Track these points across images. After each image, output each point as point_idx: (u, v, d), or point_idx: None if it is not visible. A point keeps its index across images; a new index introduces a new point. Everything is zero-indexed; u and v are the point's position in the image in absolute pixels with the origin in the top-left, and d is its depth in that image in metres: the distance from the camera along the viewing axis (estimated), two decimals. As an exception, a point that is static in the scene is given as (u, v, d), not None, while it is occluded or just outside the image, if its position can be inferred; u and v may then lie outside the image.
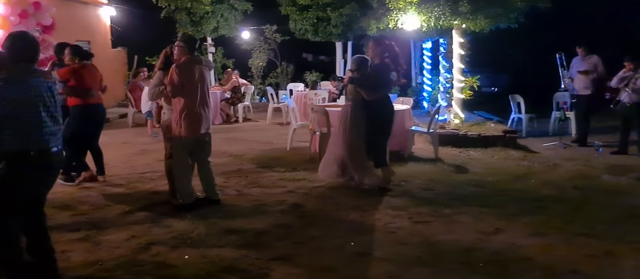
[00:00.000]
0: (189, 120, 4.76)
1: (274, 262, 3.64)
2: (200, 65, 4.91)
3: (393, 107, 5.90)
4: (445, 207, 4.93)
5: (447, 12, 7.79)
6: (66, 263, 3.57)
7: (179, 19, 14.18)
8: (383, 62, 5.65)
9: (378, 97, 5.59)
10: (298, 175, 6.30)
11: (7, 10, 8.45)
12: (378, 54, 5.66)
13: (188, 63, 4.78)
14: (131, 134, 10.03)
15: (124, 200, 5.23)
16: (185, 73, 4.72)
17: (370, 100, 5.51)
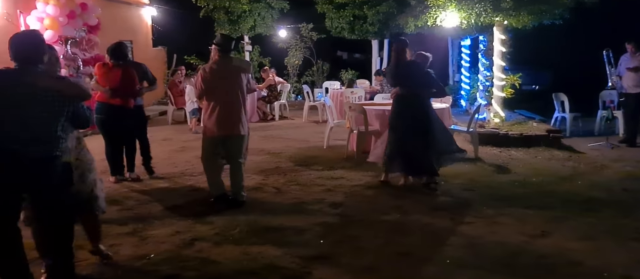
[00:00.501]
0: (209, 120, 4.94)
1: (315, 261, 3.65)
2: (229, 66, 4.94)
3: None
4: (487, 208, 4.82)
5: (488, 8, 7.62)
6: (116, 256, 3.69)
7: (217, 18, 14.40)
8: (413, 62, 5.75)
9: (428, 95, 5.77)
10: (336, 173, 6.30)
11: (56, 11, 8.79)
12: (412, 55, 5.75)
13: (213, 65, 4.94)
14: (171, 131, 10.26)
15: (166, 196, 5.35)
16: (208, 75, 4.88)
17: (421, 97, 5.60)
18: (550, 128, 8.66)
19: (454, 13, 8.00)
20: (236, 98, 4.91)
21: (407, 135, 5.52)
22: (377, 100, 9.43)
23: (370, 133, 7.25)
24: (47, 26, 8.92)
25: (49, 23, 8.88)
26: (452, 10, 8.01)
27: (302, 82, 16.12)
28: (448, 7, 7.97)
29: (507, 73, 9.05)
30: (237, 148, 5.06)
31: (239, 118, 4.95)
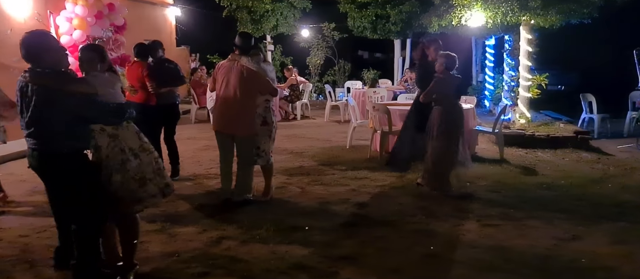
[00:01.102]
0: (213, 113, 5.22)
1: (342, 261, 3.65)
2: (238, 65, 4.83)
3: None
4: (515, 210, 4.76)
5: (515, 7, 7.51)
6: (145, 253, 3.75)
7: (240, 17, 14.52)
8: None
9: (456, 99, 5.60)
10: (360, 173, 6.29)
11: (84, 11, 8.96)
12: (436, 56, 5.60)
13: (225, 62, 4.99)
14: (195, 130, 10.37)
15: (193, 195, 5.41)
16: (217, 70, 5.03)
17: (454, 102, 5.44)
18: (578, 129, 8.50)
19: (480, 12, 7.91)
20: (234, 98, 4.81)
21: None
22: (401, 100, 9.38)
23: (394, 133, 7.22)
24: (76, 26, 9.10)
25: (78, 23, 9.06)
26: (478, 10, 7.92)
27: (324, 81, 16.14)
28: (473, 7, 7.88)
29: (533, 74, 8.91)
30: (241, 147, 4.99)
31: (237, 117, 4.86)
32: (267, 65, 5.16)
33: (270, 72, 5.11)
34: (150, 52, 6.16)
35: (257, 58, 5.01)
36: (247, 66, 4.84)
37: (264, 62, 5.15)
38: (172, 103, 6.23)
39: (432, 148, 5.34)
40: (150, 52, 6.16)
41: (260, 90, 4.91)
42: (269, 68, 5.18)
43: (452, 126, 5.27)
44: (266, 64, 5.19)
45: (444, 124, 5.26)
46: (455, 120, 5.31)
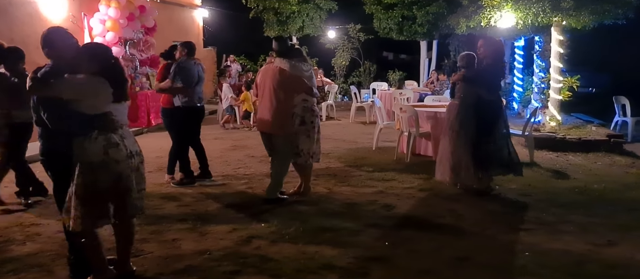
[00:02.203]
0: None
1: (371, 262, 3.65)
2: (272, 66, 5.12)
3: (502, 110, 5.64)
4: (547, 215, 4.68)
5: (547, 8, 7.37)
6: (178, 250, 3.82)
7: (267, 18, 14.64)
8: (496, 61, 5.40)
9: (494, 98, 5.42)
10: (387, 175, 6.27)
11: (117, 13, 9.18)
12: (490, 54, 5.35)
13: (263, 67, 5.35)
14: (221, 130, 10.50)
15: (222, 194, 5.48)
16: (258, 73, 5.31)
17: (487, 100, 5.30)
18: (611, 132, 8.29)
19: (510, 13, 7.79)
20: (269, 99, 5.01)
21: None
22: (427, 101, 9.31)
23: (421, 135, 7.18)
24: (109, 28, 9.34)
25: (111, 25, 9.29)
26: (508, 10, 7.80)
27: (349, 82, 16.14)
28: (504, 7, 7.77)
29: (564, 75, 8.73)
30: (275, 146, 5.17)
31: (272, 117, 5.00)
32: (303, 65, 5.14)
33: (305, 72, 5.10)
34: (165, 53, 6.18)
35: (296, 59, 5.09)
36: (281, 67, 4.99)
37: (302, 63, 5.15)
38: (193, 106, 5.83)
39: (459, 143, 5.34)
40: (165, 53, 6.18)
41: (296, 90, 5.01)
42: (304, 67, 5.14)
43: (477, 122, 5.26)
44: (303, 64, 5.15)
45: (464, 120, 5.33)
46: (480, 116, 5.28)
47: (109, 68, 3.12)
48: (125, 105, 3.26)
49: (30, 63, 4.22)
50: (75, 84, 3.00)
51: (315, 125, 5.19)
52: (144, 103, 9.97)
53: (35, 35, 3.65)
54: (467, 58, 5.52)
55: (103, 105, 3.06)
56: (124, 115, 3.25)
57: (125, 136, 3.18)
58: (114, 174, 3.07)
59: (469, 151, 5.30)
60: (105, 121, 3.06)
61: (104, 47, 3.36)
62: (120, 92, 3.15)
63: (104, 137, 3.05)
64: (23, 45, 7.77)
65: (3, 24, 7.71)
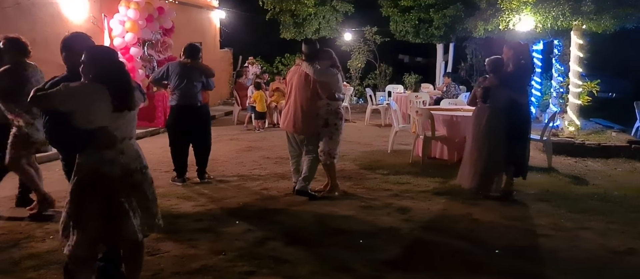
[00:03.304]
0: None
1: (386, 265, 3.63)
2: (299, 68, 5.31)
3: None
4: (565, 220, 4.61)
5: (567, 11, 7.27)
6: (193, 250, 3.85)
7: (283, 20, 14.69)
8: (522, 65, 5.34)
9: (525, 101, 5.43)
10: (402, 178, 6.24)
11: (136, 14, 9.30)
12: (513, 58, 5.30)
13: (292, 69, 5.49)
14: (237, 131, 10.55)
15: (237, 195, 5.51)
16: (287, 78, 5.51)
17: (518, 104, 5.26)
18: (632, 138, 8.15)
19: (529, 16, 7.71)
20: (295, 100, 5.28)
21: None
22: (444, 104, 9.26)
23: (437, 138, 7.13)
24: (128, 29, 9.46)
25: (130, 26, 9.42)
26: (527, 14, 7.72)
27: (365, 85, 16.11)
28: (522, 11, 7.69)
29: (584, 80, 8.60)
30: (303, 144, 5.39)
31: (296, 118, 5.26)
32: (329, 69, 5.26)
33: (331, 76, 5.22)
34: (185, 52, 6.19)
35: (323, 62, 5.25)
36: (306, 71, 5.22)
37: (328, 67, 5.27)
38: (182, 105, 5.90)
39: (486, 148, 5.30)
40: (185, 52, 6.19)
41: (319, 94, 5.20)
42: (330, 72, 5.25)
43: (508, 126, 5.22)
44: (328, 69, 5.26)
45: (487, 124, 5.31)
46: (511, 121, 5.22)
47: (109, 73, 2.75)
48: (130, 115, 2.86)
49: (51, 64, 4.29)
50: (67, 93, 2.66)
51: (338, 128, 5.31)
52: (160, 103, 10.08)
53: (57, 36, 3.70)
54: (495, 62, 5.42)
55: (100, 116, 2.71)
56: (128, 126, 2.86)
57: (125, 151, 2.83)
58: (104, 194, 2.74)
59: (496, 157, 5.24)
60: (100, 136, 2.72)
61: (107, 50, 2.98)
62: (122, 100, 2.76)
63: (96, 154, 2.75)
64: (45, 45, 7.95)
65: (25, 25, 7.86)
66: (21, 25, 7.75)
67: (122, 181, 2.80)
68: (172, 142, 6.03)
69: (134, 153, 2.90)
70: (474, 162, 5.40)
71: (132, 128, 2.93)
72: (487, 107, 5.36)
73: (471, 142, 5.50)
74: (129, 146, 2.87)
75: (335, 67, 5.31)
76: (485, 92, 5.38)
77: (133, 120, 2.92)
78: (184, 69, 5.90)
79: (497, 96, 5.26)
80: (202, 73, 6.02)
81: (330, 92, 5.17)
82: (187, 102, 5.89)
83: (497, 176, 5.36)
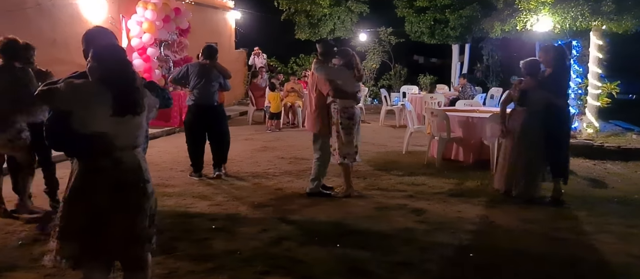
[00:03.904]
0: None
1: (401, 267, 3.61)
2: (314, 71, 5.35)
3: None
4: (584, 224, 4.54)
5: (586, 12, 7.17)
6: (209, 249, 3.88)
7: (298, 21, 14.73)
8: (563, 66, 5.30)
9: (564, 103, 5.35)
10: (417, 179, 6.21)
11: (153, 15, 9.41)
12: (550, 60, 5.22)
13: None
14: (251, 131, 10.60)
15: (252, 194, 5.53)
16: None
17: (558, 106, 5.18)
18: (653, 141, 7.99)
19: (547, 17, 7.62)
20: (309, 99, 5.47)
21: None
22: (459, 105, 9.19)
23: (453, 140, 7.08)
24: (145, 29, 9.57)
25: (147, 26, 9.52)
26: (545, 14, 7.63)
27: (379, 85, 16.07)
28: (540, 11, 7.60)
29: (603, 81, 8.47)
30: (315, 143, 5.47)
31: (309, 116, 5.44)
32: (333, 68, 5.30)
33: (331, 74, 5.23)
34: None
35: (338, 61, 5.30)
36: (313, 70, 5.32)
37: (343, 65, 5.29)
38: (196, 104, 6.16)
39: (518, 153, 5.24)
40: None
41: (321, 92, 5.27)
42: (328, 69, 5.29)
43: (547, 129, 5.15)
44: (337, 66, 5.30)
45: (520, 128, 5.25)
46: (550, 123, 5.15)
47: (112, 75, 2.49)
48: (134, 122, 2.55)
49: (71, 64, 4.34)
50: (66, 89, 2.45)
51: (345, 127, 5.25)
52: (176, 103, 10.14)
53: (77, 37, 3.72)
54: (532, 64, 5.29)
55: (98, 119, 2.45)
56: (131, 134, 2.57)
57: (124, 161, 2.53)
58: (88, 207, 2.47)
59: (534, 161, 5.16)
60: (95, 142, 2.46)
61: (114, 50, 2.66)
62: (123, 104, 2.48)
63: (89, 161, 2.50)
64: (64, 45, 8.07)
65: (46, 25, 8.00)
66: (42, 26, 7.89)
67: (112, 195, 2.49)
68: (189, 140, 6.28)
69: (133, 165, 2.57)
70: (511, 166, 5.28)
71: (137, 137, 2.61)
72: (523, 110, 5.25)
73: (508, 146, 5.37)
74: (130, 156, 2.57)
75: (348, 65, 5.28)
76: (522, 94, 5.24)
77: (138, 127, 2.59)
78: (203, 70, 6.18)
79: (534, 98, 5.14)
80: (220, 74, 6.26)
81: (330, 89, 5.16)
82: (205, 101, 6.14)
83: (538, 181, 5.23)
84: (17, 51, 4.49)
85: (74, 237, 2.48)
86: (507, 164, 5.35)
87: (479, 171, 6.54)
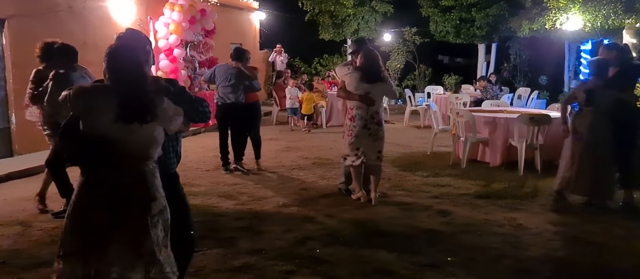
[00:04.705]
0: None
1: (427, 268, 3.58)
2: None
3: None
4: (618, 228, 4.42)
5: (619, 9, 6.99)
6: (234, 248, 3.91)
7: (322, 21, 14.74)
8: (632, 64, 5.14)
9: (634, 103, 5.15)
10: (442, 180, 6.15)
11: (180, 17, 9.55)
12: (614, 59, 5.04)
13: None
14: (275, 131, 10.65)
15: (276, 194, 5.56)
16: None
17: (626, 106, 4.99)
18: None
19: (577, 15, 7.45)
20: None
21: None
22: (485, 106, 9.05)
23: (479, 140, 6.98)
24: (172, 31, 9.72)
25: (174, 28, 9.67)
26: (575, 13, 7.46)
27: (403, 86, 15.97)
28: (570, 9, 7.44)
29: (637, 81, 8.22)
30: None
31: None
32: (343, 67, 5.40)
33: (340, 73, 5.33)
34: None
35: (354, 57, 5.35)
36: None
37: (348, 64, 5.37)
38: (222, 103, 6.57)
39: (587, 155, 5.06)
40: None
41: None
42: (341, 70, 5.35)
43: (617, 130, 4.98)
44: (345, 65, 5.41)
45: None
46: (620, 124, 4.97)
47: (117, 76, 2.29)
48: (143, 131, 2.28)
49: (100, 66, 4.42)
50: (74, 94, 2.28)
51: (348, 128, 5.21)
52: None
53: (106, 39, 3.82)
54: (599, 63, 5.10)
55: (100, 124, 2.24)
56: (138, 144, 2.30)
57: (126, 172, 2.29)
58: (86, 224, 2.27)
59: (604, 163, 4.99)
60: (95, 149, 2.25)
61: (125, 49, 2.44)
62: (127, 109, 2.23)
63: (87, 172, 2.31)
64: (94, 47, 8.25)
65: (77, 28, 8.20)
66: (73, 28, 8.09)
67: (112, 210, 2.26)
68: (221, 135, 6.68)
69: (137, 179, 2.31)
70: (580, 170, 5.06)
71: (146, 149, 2.32)
72: (590, 110, 5.04)
73: (575, 149, 5.14)
74: (134, 169, 2.31)
75: (353, 65, 5.25)
76: (589, 94, 5.05)
77: (148, 138, 2.31)
78: (228, 71, 6.50)
79: (601, 99, 4.95)
80: (245, 75, 6.48)
81: (338, 87, 5.36)
82: (229, 100, 6.46)
83: (611, 185, 5.05)
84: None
85: (74, 256, 2.27)
86: (576, 168, 5.09)
87: (506, 173, 6.43)
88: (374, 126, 5.16)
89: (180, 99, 2.53)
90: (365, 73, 5.08)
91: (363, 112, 5.10)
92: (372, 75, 5.08)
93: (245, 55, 6.61)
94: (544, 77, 14.12)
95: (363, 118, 5.11)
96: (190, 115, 2.59)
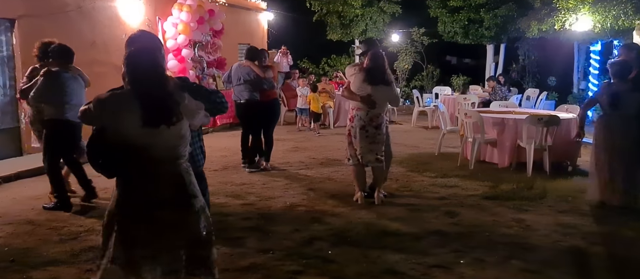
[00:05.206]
0: None
1: (435, 269, 3.57)
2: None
3: None
4: (626, 229, 4.38)
5: (629, 10, 6.93)
6: (242, 248, 3.92)
7: (330, 22, 14.75)
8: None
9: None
10: (450, 181, 6.13)
11: (188, 17, 9.59)
12: (634, 59, 4.95)
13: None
14: (283, 131, 10.64)
15: (283, 194, 5.57)
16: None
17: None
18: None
19: (587, 16, 7.40)
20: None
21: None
22: (493, 107, 9.00)
23: (487, 141, 6.95)
24: (180, 31, 9.76)
25: (182, 28, 9.71)
26: (585, 13, 7.40)
27: (411, 86, 15.94)
28: (580, 10, 7.39)
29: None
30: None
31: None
32: (350, 68, 5.40)
33: (347, 73, 5.39)
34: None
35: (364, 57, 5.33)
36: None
37: (355, 65, 5.43)
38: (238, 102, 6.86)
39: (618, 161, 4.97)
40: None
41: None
42: (348, 71, 5.38)
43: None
44: (353, 66, 5.43)
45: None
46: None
47: (141, 81, 2.26)
48: (171, 131, 2.28)
49: (109, 65, 4.48)
50: (95, 106, 2.27)
51: (349, 128, 5.19)
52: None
53: (115, 38, 3.85)
54: (621, 65, 4.98)
55: (128, 131, 2.23)
56: (168, 144, 2.31)
57: (162, 175, 2.31)
58: (126, 233, 2.28)
59: (633, 167, 4.91)
60: (127, 157, 2.26)
61: (142, 51, 2.40)
62: (153, 113, 2.23)
63: (122, 180, 2.33)
64: (104, 47, 8.32)
65: (86, 27, 8.25)
66: (82, 28, 8.14)
67: (152, 215, 2.27)
68: (243, 132, 6.92)
69: (174, 180, 2.33)
70: (611, 177, 4.98)
71: (177, 147, 2.33)
72: (616, 114, 4.94)
73: (601, 155, 5.06)
74: (170, 170, 2.32)
75: (361, 66, 5.23)
76: (613, 97, 4.92)
77: (177, 137, 2.32)
78: (239, 70, 6.74)
79: (628, 102, 4.84)
80: (255, 74, 6.63)
81: (344, 89, 5.35)
82: (243, 99, 6.71)
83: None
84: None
85: (123, 268, 2.29)
86: (605, 173, 5.01)
87: (515, 174, 6.40)
88: (372, 129, 5.07)
89: (198, 94, 2.56)
90: (368, 74, 5.04)
91: (362, 114, 5.07)
92: (374, 77, 5.02)
93: (259, 54, 6.79)
94: (552, 78, 14.02)
95: (362, 120, 5.06)
96: (209, 108, 2.62)
